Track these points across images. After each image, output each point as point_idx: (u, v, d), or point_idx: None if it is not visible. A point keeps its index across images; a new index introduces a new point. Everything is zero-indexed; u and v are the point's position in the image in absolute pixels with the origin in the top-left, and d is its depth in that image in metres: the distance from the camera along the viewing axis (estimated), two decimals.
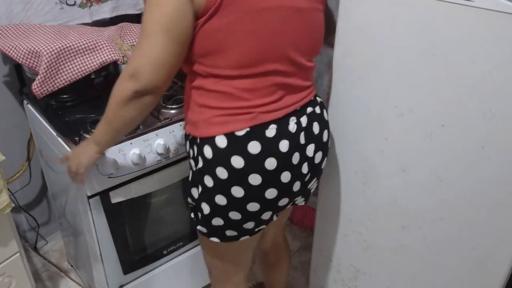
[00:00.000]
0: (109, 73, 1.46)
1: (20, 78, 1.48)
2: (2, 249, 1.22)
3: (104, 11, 1.61)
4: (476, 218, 1.08)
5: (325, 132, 1.12)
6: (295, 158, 1.02)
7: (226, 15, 0.89)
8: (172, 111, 1.39)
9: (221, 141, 0.97)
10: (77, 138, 1.25)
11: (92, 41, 1.31)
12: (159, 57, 0.90)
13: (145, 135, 1.29)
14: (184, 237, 1.55)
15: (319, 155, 1.10)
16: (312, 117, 1.08)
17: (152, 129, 1.31)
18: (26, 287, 1.35)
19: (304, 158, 1.05)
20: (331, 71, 1.21)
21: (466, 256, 1.13)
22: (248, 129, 0.97)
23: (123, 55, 1.36)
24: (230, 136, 0.97)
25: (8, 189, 1.24)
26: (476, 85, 0.96)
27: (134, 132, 1.29)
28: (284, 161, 1.00)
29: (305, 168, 1.06)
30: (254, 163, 0.98)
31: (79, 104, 1.44)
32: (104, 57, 1.32)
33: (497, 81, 0.93)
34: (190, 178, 1.11)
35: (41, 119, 1.38)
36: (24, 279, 1.33)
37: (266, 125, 0.98)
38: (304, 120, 1.05)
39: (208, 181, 1.01)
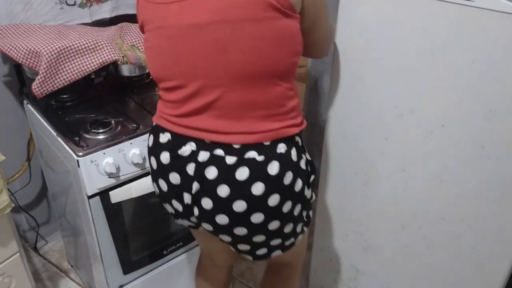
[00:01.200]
0: (109, 73, 1.46)
1: (20, 78, 1.48)
2: (2, 249, 1.22)
3: (104, 11, 1.61)
4: (476, 218, 1.08)
5: (224, 187, 0.91)
6: (174, 178, 0.98)
7: (147, 30, 0.97)
8: None
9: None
10: (77, 138, 1.25)
11: (92, 41, 1.31)
12: None
13: (145, 135, 1.29)
14: (184, 237, 1.55)
15: (207, 203, 0.94)
16: (214, 162, 0.92)
17: None
18: (26, 287, 1.35)
19: (185, 188, 0.96)
20: (331, 71, 1.21)
21: (466, 256, 1.13)
22: (154, 124, 1.04)
23: (123, 55, 1.36)
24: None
25: (8, 189, 1.24)
26: (476, 85, 0.96)
27: (134, 132, 1.29)
28: (162, 170, 1.00)
29: (187, 199, 0.97)
30: (148, 151, 1.05)
31: (79, 104, 1.44)
32: (104, 57, 1.32)
33: (497, 81, 0.93)
34: None
35: (41, 119, 1.38)
36: (24, 279, 1.33)
37: (162, 129, 1.00)
38: (203, 156, 0.92)
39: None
